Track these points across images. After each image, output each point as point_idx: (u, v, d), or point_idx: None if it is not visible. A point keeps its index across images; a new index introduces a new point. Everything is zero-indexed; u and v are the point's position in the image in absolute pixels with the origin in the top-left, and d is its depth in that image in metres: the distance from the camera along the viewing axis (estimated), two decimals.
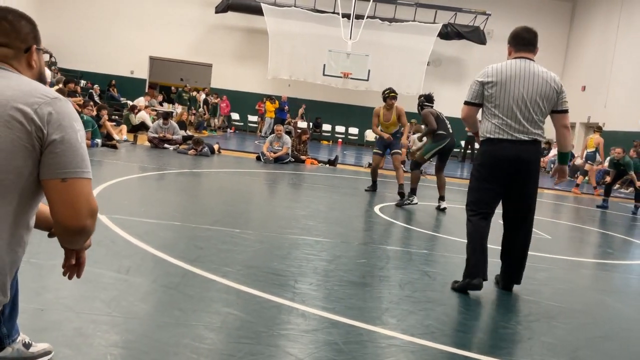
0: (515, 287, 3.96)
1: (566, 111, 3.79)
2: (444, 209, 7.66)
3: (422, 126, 9.60)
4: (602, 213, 9.91)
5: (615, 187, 12.94)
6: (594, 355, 2.88)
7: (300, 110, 23.05)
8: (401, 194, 7.95)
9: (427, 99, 8.16)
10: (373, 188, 8.80)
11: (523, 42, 3.80)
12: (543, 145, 23.46)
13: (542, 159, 20.60)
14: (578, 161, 18.76)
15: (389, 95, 8.35)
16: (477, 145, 22.15)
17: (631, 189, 15.58)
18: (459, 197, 9.88)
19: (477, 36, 22.21)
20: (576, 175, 18.13)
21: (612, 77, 19.88)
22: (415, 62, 21.65)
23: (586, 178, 15.51)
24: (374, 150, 8.84)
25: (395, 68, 21.41)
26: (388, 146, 8.56)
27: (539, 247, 5.73)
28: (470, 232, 3.86)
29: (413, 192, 7.67)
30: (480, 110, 3.88)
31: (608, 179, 11.25)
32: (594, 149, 15.17)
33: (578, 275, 4.80)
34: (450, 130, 7.77)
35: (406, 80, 21.94)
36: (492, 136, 3.74)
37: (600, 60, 21.02)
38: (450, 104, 24.06)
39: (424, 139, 8.51)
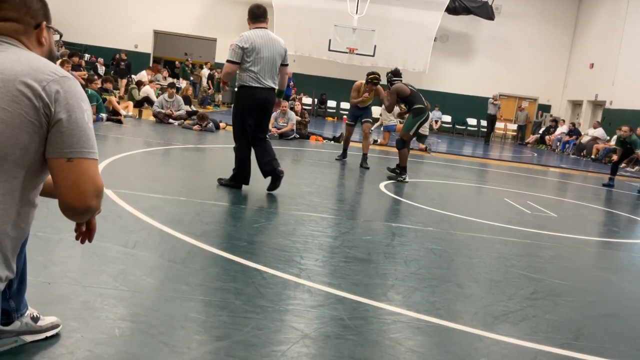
0: (521, 264, 3.97)
1: (287, 64, 5.45)
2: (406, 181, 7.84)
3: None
4: (608, 192, 9.88)
5: (621, 166, 12.87)
6: (598, 333, 2.89)
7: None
8: (364, 159, 8.61)
9: (394, 74, 8.10)
10: (344, 156, 9.25)
11: (255, 16, 5.31)
12: (549, 123, 22.97)
13: (548, 137, 20.15)
14: (585, 138, 18.69)
15: (372, 81, 8.49)
16: (497, 125, 21.37)
17: (637, 167, 15.52)
18: (473, 176, 9.86)
19: (485, 11, 21.90)
20: (582, 154, 18.07)
21: (621, 54, 19.64)
22: (422, 38, 21.42)
23: None
24: (347, 122, 9.16)
25: (401, 44, 21.20)
26: (359, 116, 8.87)
27: (544, 225, 5.72)
28: (245, 153, 5.43)
29: (404, 170, 7.68)
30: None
31: (614, 157, 11.18)
32: None
33: (583, 253, 4.80)
34: (426, 103, 7.87)
35: (412, 56, 21.74)
36: (249, 84, 5.24)
37: (608, 38, 20.74)
38: (457, 81, 23.99)
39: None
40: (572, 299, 3.40)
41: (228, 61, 5.23)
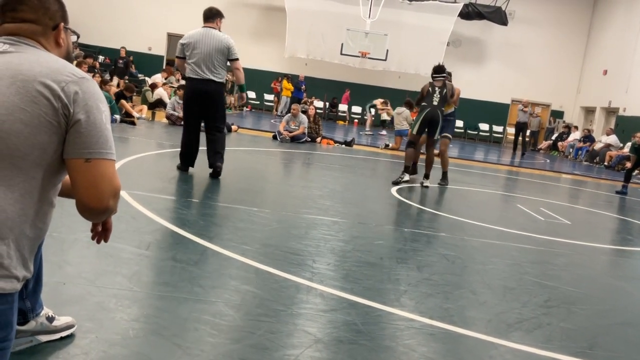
0: (535, 272, 3.94)
1: (237, 59, 5.96)
2: (427, 186, 7.69)
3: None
4: (621, 199, 9.79)
5: (635, 173, 12.75)
6: (613, 342, 2.86)
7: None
8: (443, 175, 8.13)
9: (435, 70, 7.78)
10: (413, 171, 8.40)
11: (205, 17, 6.08)
12: (562, 130, 22.55)
13: (561, 143, 19.85)
14: (598, 145, 18.54)
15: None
16: (509, 131, 20.81)
17: None
18: (485, 181, 9.81)
19: (498, 17, 21.81)
20: (595, 161, 17.93)
21: (635, 61, 19.47)
22: (434, 42, 21.34)
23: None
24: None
25: (414, 48, 21.15)
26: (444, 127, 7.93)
27: (558, 232, 5.68)
28: (186, 138, 6.03)
29: (406, 169, 7.69)
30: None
31: (628, 164, 11.08)
32: None
33: (597, 261, 4.75)
34: (434, 103, 7.51)
35: (425, 60, 21.61)
36: (189, 76, 5.91)
37: (622, 44, 20.57)
38: (470, 86, 23.83)
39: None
40: (586, 307, 3.37)
41: (176, 57, 6.16)
